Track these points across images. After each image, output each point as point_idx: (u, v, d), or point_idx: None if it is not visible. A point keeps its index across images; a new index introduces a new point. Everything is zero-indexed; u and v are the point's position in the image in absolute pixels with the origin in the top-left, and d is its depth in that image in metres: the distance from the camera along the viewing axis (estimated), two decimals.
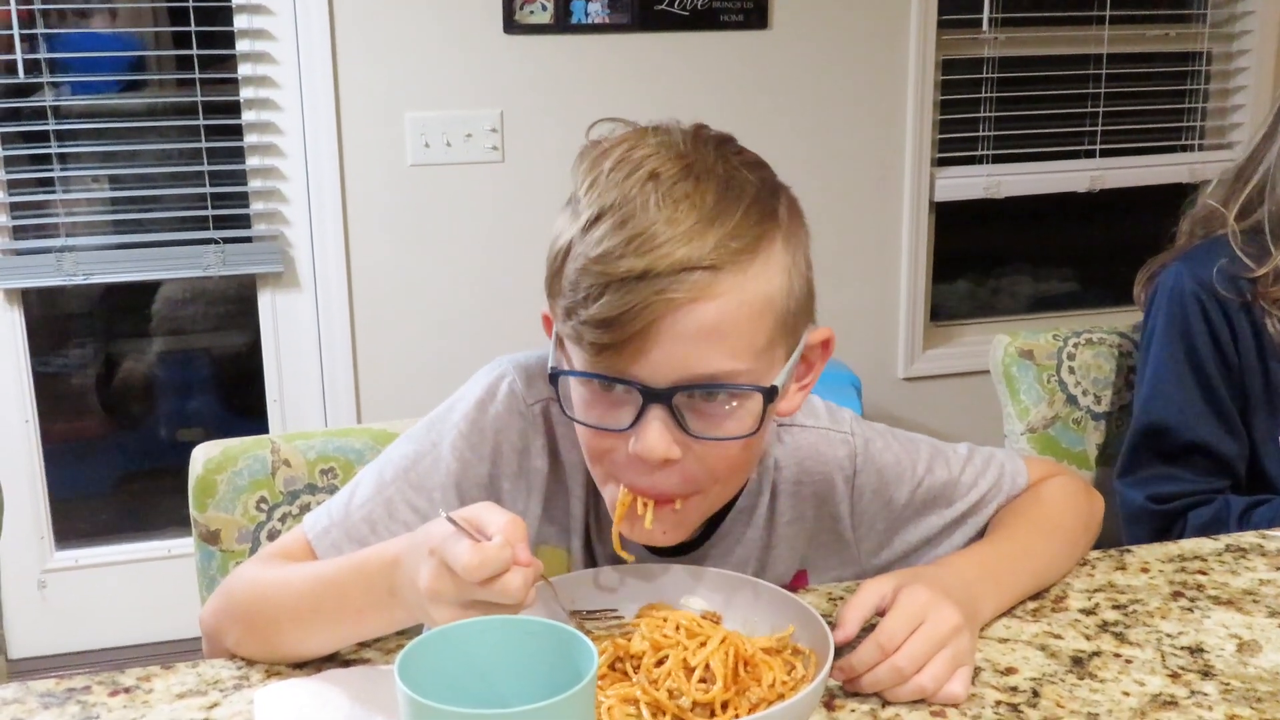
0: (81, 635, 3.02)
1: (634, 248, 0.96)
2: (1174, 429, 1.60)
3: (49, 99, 2.81)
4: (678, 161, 1.00)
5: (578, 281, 0.98)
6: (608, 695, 0.96)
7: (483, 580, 0.88)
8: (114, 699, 1.04)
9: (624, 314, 0.96)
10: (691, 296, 0.96)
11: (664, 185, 0.98)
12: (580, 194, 1.02)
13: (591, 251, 0.97)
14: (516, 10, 2.88)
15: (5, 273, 2.80)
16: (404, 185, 2.93)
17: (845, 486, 1.21)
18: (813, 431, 1.20)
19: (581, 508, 1.18)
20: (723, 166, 1.01)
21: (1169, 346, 1.62)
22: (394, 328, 2.99)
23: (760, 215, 1.01)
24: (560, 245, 1.01)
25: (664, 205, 0.97)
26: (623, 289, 0.96)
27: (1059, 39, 3.37)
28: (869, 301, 3.29)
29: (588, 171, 1.03)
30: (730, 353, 0.99)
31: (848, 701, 1.02)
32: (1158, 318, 1.64)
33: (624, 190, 0.98)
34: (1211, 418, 1.60)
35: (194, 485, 1.37)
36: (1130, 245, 3.62)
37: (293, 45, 2.83)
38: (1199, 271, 1.61)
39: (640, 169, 0.99)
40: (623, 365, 0.99)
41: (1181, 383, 1.61)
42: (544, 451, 1.17)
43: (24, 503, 2.91)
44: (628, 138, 1.04)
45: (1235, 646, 1.11)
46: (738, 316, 0.99)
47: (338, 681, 1.04)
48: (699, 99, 3.01)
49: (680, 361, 0.98)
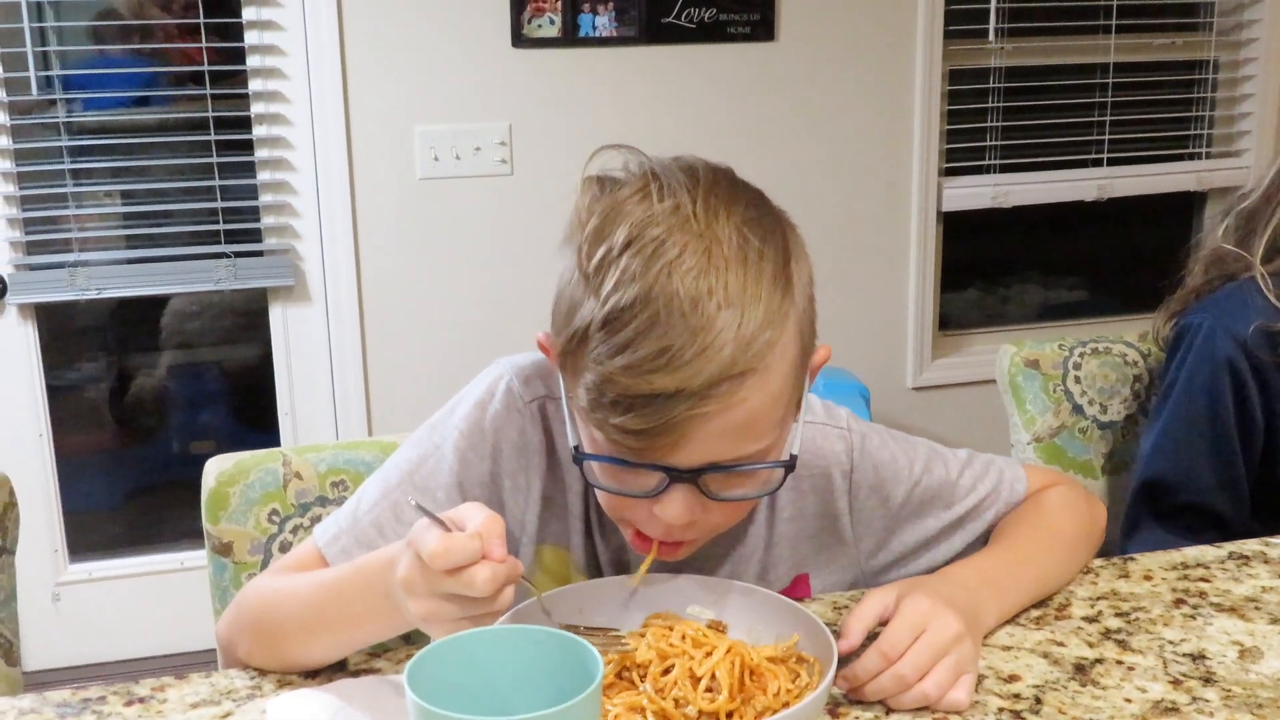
0: (95, 647, 3.04)
1: (663, 363, 0.94)
2: (1174, 487, 1.58)
3: (61, 115, 2.84)
4: (696, 243, 0.97)
5: (602, 387, 0.97)
6: (614, 704, 0.97)
7: (448, 569, 0.89)
8: (129, 709, 1.06)
9: (653, 428, 0.97)
10: (722, 406, 0.96)
11: (686, 280, 0.95)
12: (589, 255, 0.99)
13: (617, 360, 0.96)
14: (524, 24, 2.90)
15: (19, 288, 2.82)
16: (413, 198, 2.95)
17: (843, 482, 1.23)
18: (810, 427, 1.22)
19: (580, 504, 1.20)
20: (736, 236, 0.98)
21: (1190, 408, 1.57)
22: (404, 340, 3.01)
23: (781, 293, 0.99)
24: (578, 326, 0.99)
25: (689, 312, 0.95)
26: (652, 405, 0.95)
27: (1066, 49, 3.37)
28: (877, 311, 3.30)
29: (596, 234, 1.00)
30: (756, 437, 1.02)
31: (852, 709, 1.03)
32: (1182, 371, 1.58)
33: (645, 285, 0.95)
34: (1216, 481, 1.57)
35: (206, 498, 1.38)
36: (1138, 253, 3.65)
37: (303, 60, 2.85)
38: (1234, 326, 1.54)
39: (658, 257, 0.96)
40: (648, 456, 1.00)
41: (1191, 446, 1.57)
42: (541, 449, 1.19)
43: (38, 516, 2.93)
44: (633, 195, 1.01)
45: (1237, 653, 1.12)
46: (763, 407, 1.00)
47: (349, 691, 1.06)
48: (706, 111, 3.03)
49: (708, 453, 1.00)
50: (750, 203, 1.03)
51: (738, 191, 1.03)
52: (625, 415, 0.96)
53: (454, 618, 0.91)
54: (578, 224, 1.02)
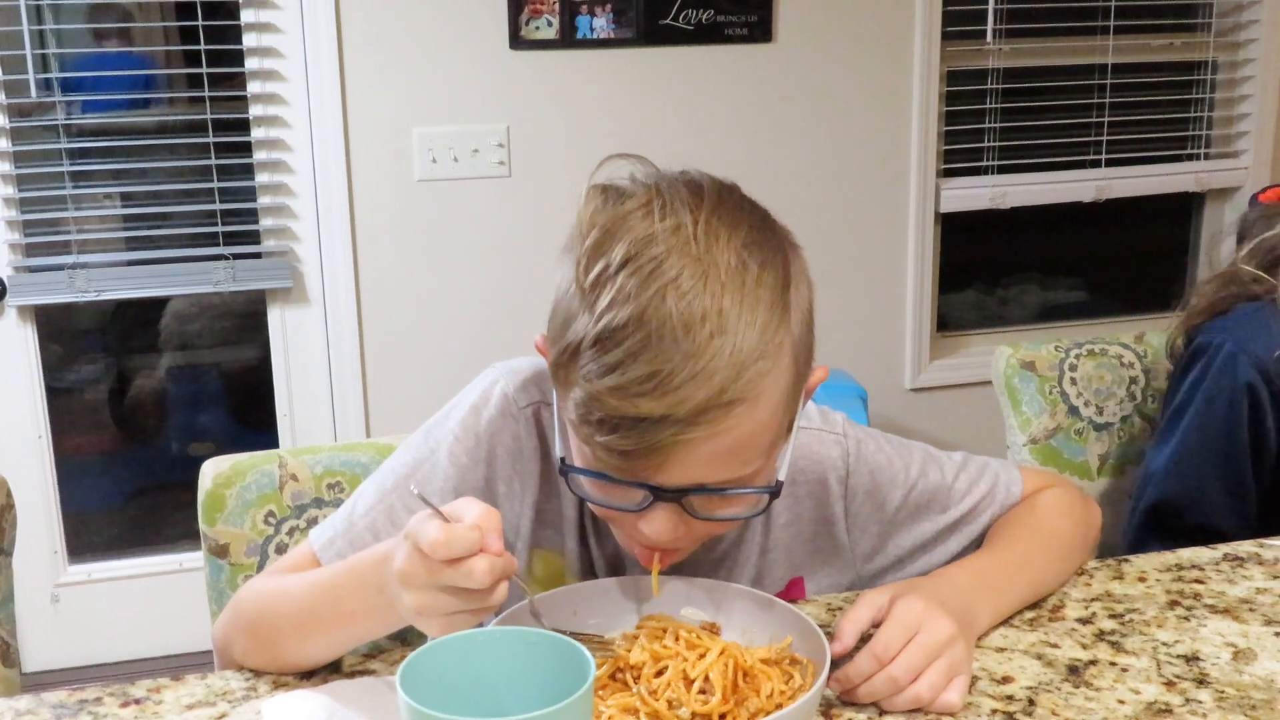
0: (94, 649, 3.04)
1: (651, 387, 0.93)
2: (1183, 509, 1.57)
3: (61, 117, 2.84)
4: (694, 267, 0.95)
5: (590, 405, 0.97)
6: (608, 705, 0.97)
7: (449, 559, 0.89)
8: (125, 710, 1.06)
9: (638, 449, 0.96)
10: (710, 433, 0.96)
11: (680, 304, 0.94)
12: (587, 269, 0.98)
13: (606, 380, 0.95)
14: (522, 26, 2.90)
15: (18, 290, 2.82)
16: (412, 200, 2.95)
17: (839, 487, 1.23)
18: (805, 432, 1.21)
19: (574, 510, 1.20)
20: (735, 260, 0.97)
21: (1206, 430, 1.56)
22: (402, 342, 3.01)
23: (778, 321, 0.98)
24: (571, 340, 0.98)
25: (682, 337, 0.93)
26: (638, 428, 0.95)
27: (1063, 49, 3.38)
28: (875, 312, 3.30)
29: (595, 248, 0.99)
30: (743, 463, 1.01)
31: (845, 711, 1.03)
32: (1198, 391, 1.56)
33: (639, 306, 0.94)
34: (1226, 503, 1.56)
35: (203, 500, 1.38)
36: (1137, 254, 3.65)
37: (301, 62, 2.85)
38: (1255, 350, 1.53)
39: (655, 278, 0.95)
40: (633, 474, 1.00)
41: (1204, 468, 1.56)
42: (535, 454, 1.19)
43: (37, 517, 2.93)
44: (636, 210, 1.00)
45: (1231, 655, 1.12)
46: (752, 434, 0.99)
47: (343, 692, 1.06)
48: (704, 113, 3.03)
49: (693, 475, 1.00)
50: (753, 225, 1.01)
51: (742, 212, 1.02)
52: (611, 435, 0.96)
53: (449, 610, 0.92)
54: (579, 234, 1.01)
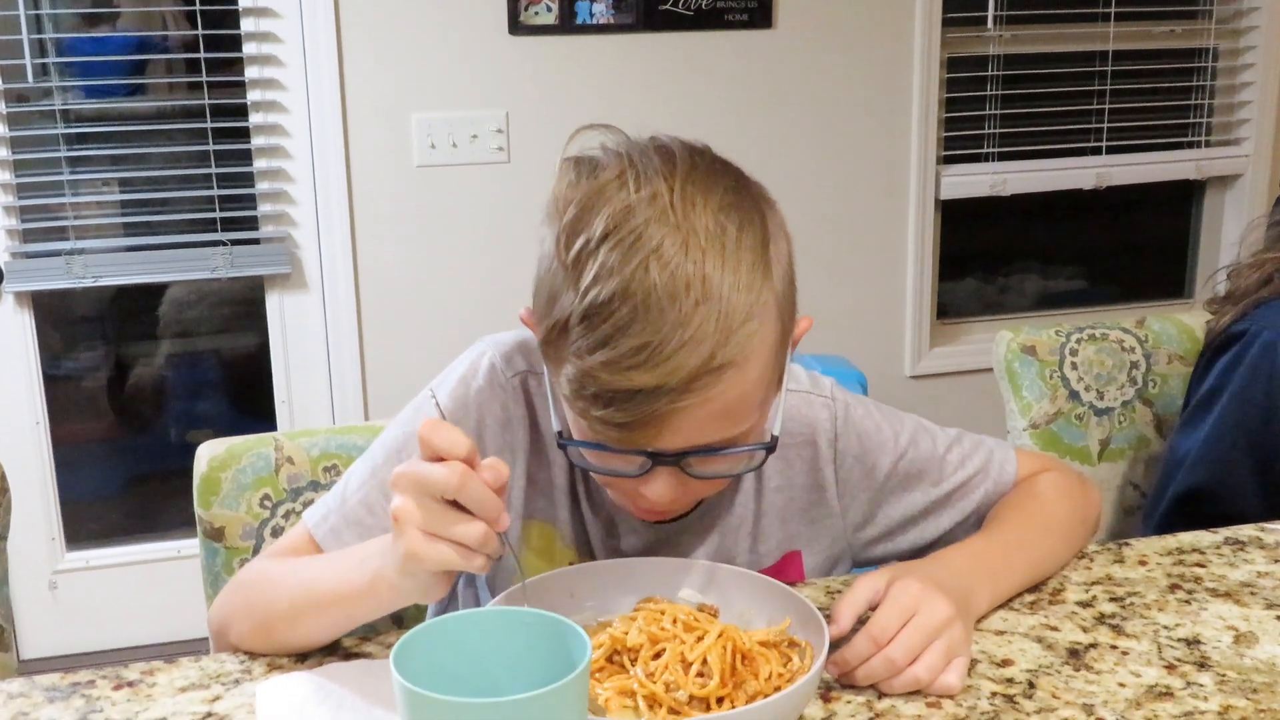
0: (92, 635, 3.04)
1: (643, 360, 0.94)
2: (1214, 498, 1.55)
3: (58, 103, 2.83)
4: (674, 235, 0.95)
5: (583, 381, 0.97)
6: (605, 688, 0.97)
7: (459, 485, 0.89)
8: (117, 693, 1.05)
9: (634, 421, 0.97)
10: (703, 399, 0.96)
11: (663, 274, 0.94)
12: (567, 246, 0.98)
13: (597, 355, 0.95)
14: (521, 11, 2.89)
15: (15, 275, 2.82)
16: (410, 186, 2.94)
17: (829, 450, 1.23)
18: (794, 395, 1.22)
19: (565, 478, 1.20)
20: (714, 224, 0.97)
21: (1241, 418, 1.54)
22: (401, 328, 3.00)
23: (760, 280, 0.98)
24: (558, 317, 0.98)
25: (668, 307, 0.94)
26: (633, 400, 0.96)
27: (1064, 36, 3.36)
28: (875, 300, 3.29)
29: (575, 223, 0.98)
30: (737, 421, 1.02)
31: (844, 693, 1.02)
32: (1231, 376, 1.55)
33: (623, 280, 0.94)
34: (1257, 492, 1.54)
35: (198, 483, 1.38)
36: (1137, 241, 3.64)
37: (299, 48, 2.84)
38: None
39: (636, 250, 0.95)
40: (630, 443, 1.00)
41: (1236, 456, 1.54)
42: (524, 423, 1.19)
43: (35, 504, 2.93)
44: (611, 181, 0.99)
45: (1232, 638, 1.11)
46: (743, 394, 1.00)
47: (338, 675, 1.06)
48: (704, 99, 3.02)
49: (689, 438, 1.00)
50: (728, 187, 1.01)
51: (715, 175, 1.02)
52: (606, 409, 0.97)
53: (446, 533, 0.90)
54: (556, 210, 1.01)
